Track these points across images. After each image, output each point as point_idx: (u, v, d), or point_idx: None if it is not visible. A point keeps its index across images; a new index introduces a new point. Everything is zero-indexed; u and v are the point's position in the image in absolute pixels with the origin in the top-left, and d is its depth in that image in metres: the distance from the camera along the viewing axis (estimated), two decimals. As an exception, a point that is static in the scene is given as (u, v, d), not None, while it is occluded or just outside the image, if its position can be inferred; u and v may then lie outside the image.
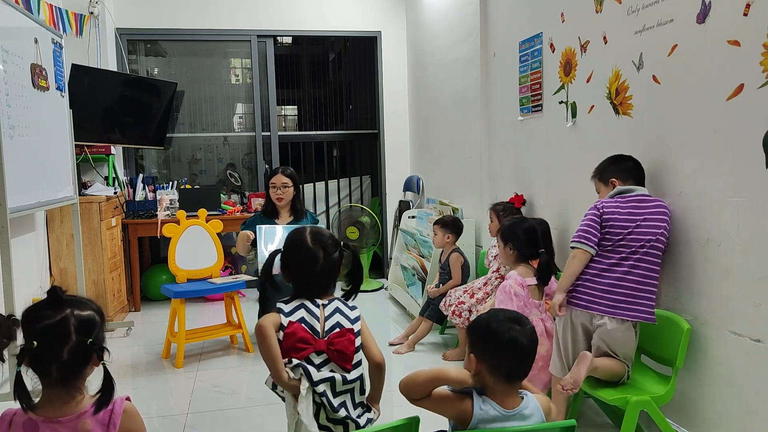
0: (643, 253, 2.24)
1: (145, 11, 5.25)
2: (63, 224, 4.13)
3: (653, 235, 2.24)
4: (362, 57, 6.58)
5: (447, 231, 3.78)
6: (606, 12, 2.77)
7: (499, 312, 1.56)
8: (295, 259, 1.78)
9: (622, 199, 2.34)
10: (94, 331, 1.36)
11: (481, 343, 1.52)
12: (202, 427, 2.71)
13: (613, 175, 2.43)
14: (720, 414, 2.18)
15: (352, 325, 1.74)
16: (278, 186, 3.80)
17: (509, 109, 3.78)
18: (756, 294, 2.00)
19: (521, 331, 1.49)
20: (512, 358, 1.48)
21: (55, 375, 1.32)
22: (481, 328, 1.53)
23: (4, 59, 2.92)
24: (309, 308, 1.73)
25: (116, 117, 4.78)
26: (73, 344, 1.31)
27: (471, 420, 1.47)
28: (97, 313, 1.39)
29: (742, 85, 2.02)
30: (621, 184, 2.39)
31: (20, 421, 1.33)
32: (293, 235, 1.82)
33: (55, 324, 1.32)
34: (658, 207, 2.29)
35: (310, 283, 1.77)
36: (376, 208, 6.17)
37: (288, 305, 1.74)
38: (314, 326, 1.70)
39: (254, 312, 4.00)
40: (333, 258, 1.77)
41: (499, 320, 1.51)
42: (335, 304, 1.77)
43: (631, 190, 2.35)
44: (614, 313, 2.23)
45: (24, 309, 1.36)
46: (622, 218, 2.29)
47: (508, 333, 1.48)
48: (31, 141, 3.24)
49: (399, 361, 3.52)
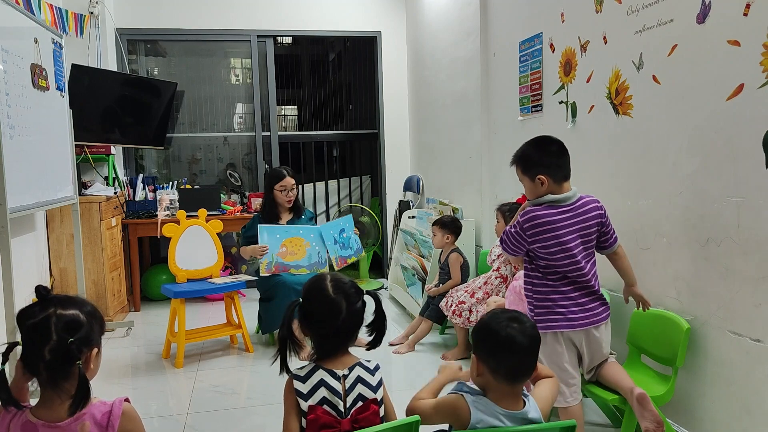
0: (591, 254, 2.22)
1: (145, 11, 5.25)
2: (63, 224, 4.13)
3: (593, 235, 2.20)
4: (362, 57, 6.58)
5: (446, 231, 3.78)
6: (606, 12, 2.77)
7: (500, 312, 1.57)
8: (315, 311, 1.62)
9: (554, 209, 2.15)
10: (78, 331, 1.32)
11: (482, 344, 1.53)
12: (202, 427, 2.71)
13: (540, 171, 2.16)
14: (720, 414, 2.18)
15: (374, 393, 1.60)
16: (288, 188, 3.84)
17: (509, 109, 3.78)
18: (756, 294, 2.00)
19: (520, 329, 1.49)
20: (511, 356, 1.48)
21: (44, 375, 1.31)
22: (482, 328, 1.55)
23: (4, 59, 2.92)
24: (329, 385, 1.56)
25: (116, 117, 4.78)
26: (53, 343, 1.29)
27: (470, 420, 1.47)
28: (84, 314, 1.36)
29: (742, 85, 2.02)
30: (551, 183, 2.16)
31: (19, 424, 1.33)
32: (313, 284, 1.67)
33: (38, 323, 1.31)
34: (593, 209, 2.20)
35: (330, 337, 1.61)
36: (376, 208, 6.17)
37: (305, 382, 1.57)
38: (337, 405, 1.56)
39: (254, 312, 3.99)
40: (356, 308, 1.62)
41: (498, 320, 1.52)
42: (356, 372, 1.60)
43: (564, 199, 2.16)
44: (606, 316, 2.23)
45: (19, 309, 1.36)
46: (558, 233, 2.14)
47: (505, 331, 1.49)
48: (31, 141, 3.24)
49: (399, 361, 3.52)
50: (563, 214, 2.15)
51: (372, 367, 1.64)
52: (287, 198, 3.85)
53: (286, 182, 3.85)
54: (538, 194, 2.19)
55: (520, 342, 1.48)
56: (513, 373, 1.50)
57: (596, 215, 2.20)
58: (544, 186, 2.16)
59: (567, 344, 2.18)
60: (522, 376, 1.52)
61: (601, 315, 2.21)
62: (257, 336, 4.05)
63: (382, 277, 5.96)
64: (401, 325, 4.20)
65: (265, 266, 3.71)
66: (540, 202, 2.18)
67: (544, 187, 2.16)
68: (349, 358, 1.64)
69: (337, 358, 1.62)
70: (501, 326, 1.50)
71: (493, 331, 1.51)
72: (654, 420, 2.02)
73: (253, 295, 5.15)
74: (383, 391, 1.64)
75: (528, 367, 1.53)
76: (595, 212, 2.20)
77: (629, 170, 2.65)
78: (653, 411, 2.03)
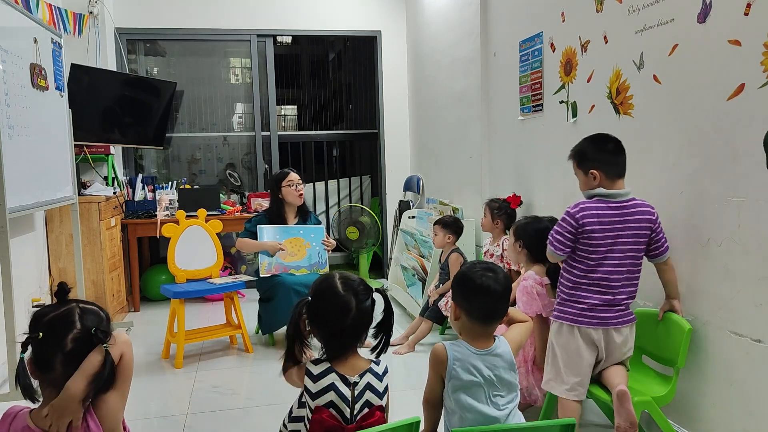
0: (630, 257, 2.20)
1: (144, 11, 5.24)
2: (62, 224, 4.13)
3: (636, 240, 2.19)
4: (362, 57, 6.57)
5: (448, 231, 3.77)
6: (606, 11, 2.77)
7: (476, 263, 1.82)
8: (324, 309, 1.62)
9: (604, 203, 2.19)
10: (101, 323, 1.39)
11: (460, 290, 1.77)
12: (201, 427, 2.70)
13: (593, 165, 2.23)
14: (721, 414, 2.18)
15: (381, 400, 1.62)
16: (296, 182, 3.84)
17: (509, 108, 3.78)
18: (757, 294, 2.00)
19: (494, 278, 1.73)
20: (485, 300, 1.72)
21: (59, 370, 1.32)
22: (461, 277, 1.78)
23: (3, 59, 2.91)
24: (339, 390, 1.57)
25: (115, 117, 4.78)
26: (77, 332, 1.34)
27: (447, 361, 1.68)
28: (101, 310, 1.44)
29: (743, 84, 2.02)
30: (603, 178, 2.21)
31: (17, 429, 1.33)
32: (322, 283, 1.67)
33: (61, 314, 1.35)
34: (643, 213, 2.19)
35: (338, 336, 1.62)
36: (376, 208, 6.17)
37: (316, 382, 1.58)
38: (343, 411, 1.57)
39: (254, 312, 3.99)
40: (365, 306, 1.63)
41: (474, 270, 1.76)
42: (366, 379, 1.61)
43: (614, 195, 2.19)
44: (628, 320, 2.22)
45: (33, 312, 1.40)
46: (605, 227, 2.17)
47: (480, 279, 1.72)
48: (31, 141, 3.23)
49: (399, 361, 3.52)
50: (611, 210, 2.18)
51: (381, 372, 1.65)
52: (297, 192, 3.84)
53: (292, 177, 3.84)
54: (590, 188, 2.25)
55: (494, 289, 1.71)
56: (486, 316, 1.73)
57: (646, 220, 2.19)
58: (596, 180, 2.21)
59: (585, 339, 2.20)
60: (494, 318, 1.76)
61: (621, 318, 2.19)
62: (257, 336, 4.05)
63: (382, 277, 5.96)
64: (401, 325, 4.19)
65: (265, 267, 3.71)
66: (590, 195, 2.24)
67: (596, 181, 2.22)
68: (360, 362, 1.64)
69: (348, 361, 1.62)
70: (477, 275, 1.73)
71: (469, 279, 1.74)
72: (628, 419, 2.04)
73: (252, 295, 5.14)
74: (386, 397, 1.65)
75: (500, 310, 1.76)
76: (644, 216, 2.19)
77: (629, 170, 2.63)
78: (630, 410, 2.04)
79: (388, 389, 1.65)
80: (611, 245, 2.17)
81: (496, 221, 3.54)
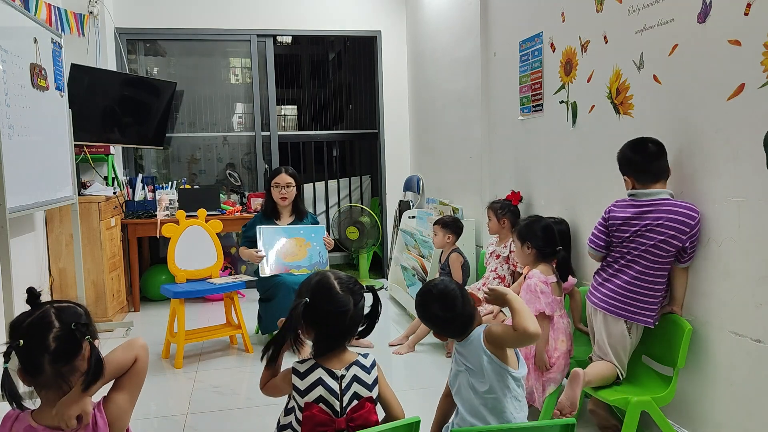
0: (641, 257, 2.23)
1: (144, 11, 5.24)
2: (62, 224, 4.13)
3: (654, 240, 2.20)
4: (362, 57, 6.58)
5: (448, 231, 3.77)
6: (606, 11, 2.77)
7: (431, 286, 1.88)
8: (323, 310, 1.60)
9: (625, 202, 2.33)
10: (79, 318, 1.37)
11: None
12: (201, 427, 2.70)
13: (625, 171, 2.36)
14: (721, 414, 2.18)
15: (370, 391, 1.62)
16: (282, 185, 3.82)
17: (510, 108, 3.78)
18: (757, 294, 2.00)
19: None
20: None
21: (48, 371, 1.31)
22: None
23: (3, 59, 2.91)
24: (327, 384, 1.58)
25: (115, 117, 4.78)
26: (57, 330, 1.32)
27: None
28: (78, 306, 1.41)
29: (743, 84, 2.02)
30: (634, 183, 2.31)
31: (20, 428, 1.32)
32: (319, 283, 1.64)
33: (37, 317, 1.34)
34: (675, 214, 2.19)
35: (332, 336, 1.63)
36: (376, 208, 6.17)
37: (303, 379, 1.59)
38: (333, 405, 1.58)
39: (254, 312, 3.99)
40: (361, 305, 1.65)
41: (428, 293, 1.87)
42: (353, 371, 1.62)
43: (640, 194, 2.27)
44: (603, 306, 2.34)
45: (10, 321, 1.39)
46: (622, 222, 2.29)
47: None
48: (31, 141, 3.23)
49: (399, 361, 3.51)
50: (634, 207, 2.27)
51: (368, 364, 1.65)
52: (280, 195, 3.83)
53: (279, 179, 3.83)
54: (628, 191, 2.37)
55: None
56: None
57: (675, 220, 2.18)
58: (628, 186, 2.34)
59: (589, 318, 2.43)
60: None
61: (598, 303, 2.35)
62: (257, 336, 4.05)
63: (382, 277, 5.96)
64: (401, 325, 4.19)
65: (266, 267, 3.71)
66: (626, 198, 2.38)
67: (629, 186, 2.34)
68: (347, 355, 1.66)
69: (335, 356, 1.64)
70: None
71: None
72: (569, 399, 2.15)
73: (252, 295, 5.14)
74: (381, 383, 1.66)
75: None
76: (675, 216, 2.18)
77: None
78: (575, 392, 2.15)
79: (377, 382, 1.65)
80: (630, 239, 2.26)
81: (502, 221, 3.53)
